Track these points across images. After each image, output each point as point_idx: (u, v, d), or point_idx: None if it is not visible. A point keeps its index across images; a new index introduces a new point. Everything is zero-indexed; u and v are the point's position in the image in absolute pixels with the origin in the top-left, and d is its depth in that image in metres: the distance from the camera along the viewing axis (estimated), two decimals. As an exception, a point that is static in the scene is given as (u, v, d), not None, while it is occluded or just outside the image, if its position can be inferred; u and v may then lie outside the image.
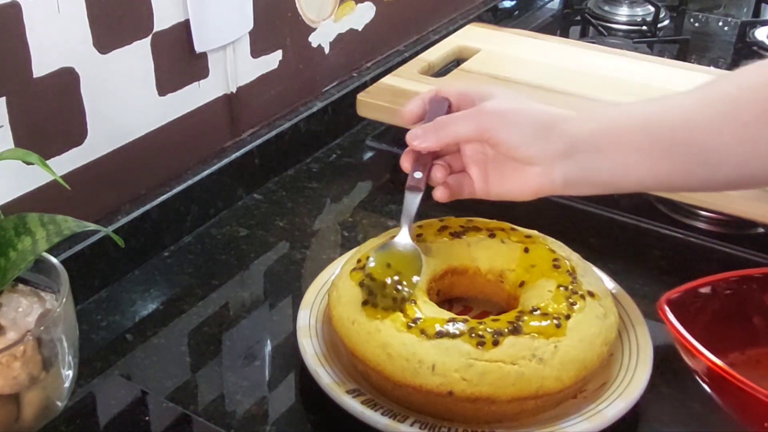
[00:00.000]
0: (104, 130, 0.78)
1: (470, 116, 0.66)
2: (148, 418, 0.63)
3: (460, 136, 0.67)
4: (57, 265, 0.59)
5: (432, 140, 0.67)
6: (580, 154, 0.64)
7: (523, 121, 0.65)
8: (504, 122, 0.65)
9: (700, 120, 0.63)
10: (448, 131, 0.66)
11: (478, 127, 0.65)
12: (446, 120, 0.67)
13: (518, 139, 0.64)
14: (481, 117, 0.65)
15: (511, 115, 0.65)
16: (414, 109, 0.71)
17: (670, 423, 0.66)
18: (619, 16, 1.40)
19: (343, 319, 0.66)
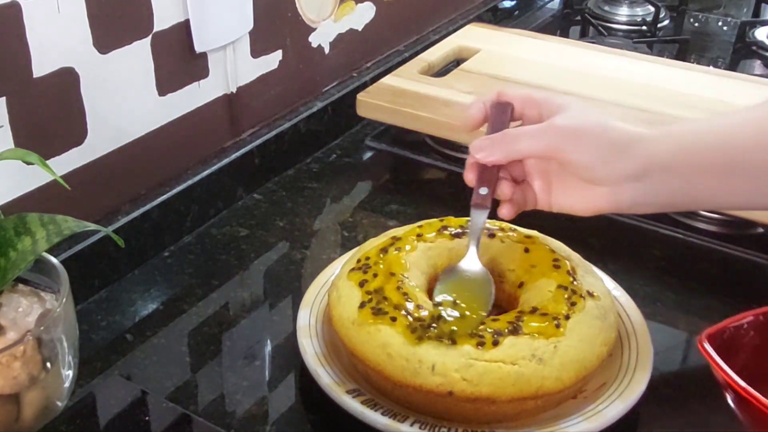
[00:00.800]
0: (104, 130, 0.78)
1: (541, 133, 0.63)
2: (148, 418, 0.63)
3: (529, 153, 0.64)
4: (57, 265, 0.59)
5: (498, 155, 0.64)
6: (651, 177, 0.62)
7: (595, 142, 0.62)
8: (576, 142, 0.62)
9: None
10: (518, 147, 0.63)
11: (548, 146, 0.62)
12: (515, 135, 0.64)
13: (589, 160, 0.62)
14: (553, 134, 0.62)
15: (583, 134, 0.62)
16: (475, 113, 0.68)
17: (670, 423, 0.66)
18: (619, 16, 1.40)
19: (343, 319, 0.66)
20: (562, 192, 0.65)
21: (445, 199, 0.95)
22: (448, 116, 0.93)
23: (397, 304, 0.64)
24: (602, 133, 0.62)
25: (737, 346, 0.61)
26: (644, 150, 0.62)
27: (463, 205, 0.92)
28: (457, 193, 0.95)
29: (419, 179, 0.99)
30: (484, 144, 0.65)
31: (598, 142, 0.62)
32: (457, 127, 0.92)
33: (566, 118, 0.63)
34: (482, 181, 0.65)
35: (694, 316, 0.78)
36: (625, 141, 0.62)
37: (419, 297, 0.65)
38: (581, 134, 0.62)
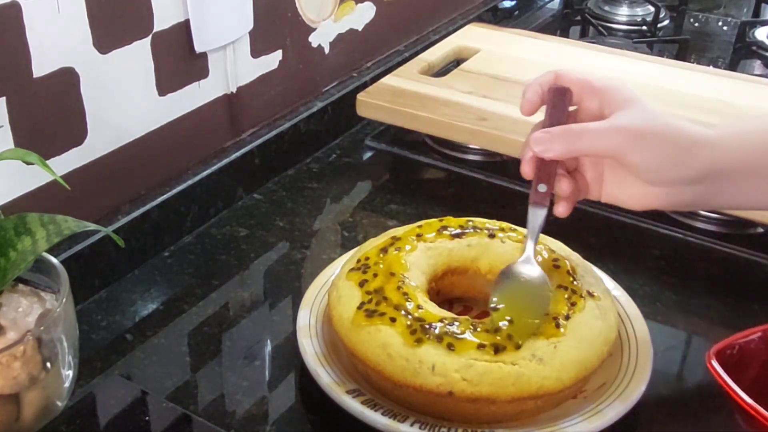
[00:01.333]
0: (104, 130, 0.78)
1: (605, 133, 0.61)
2: (148, 418, 0.63)
3: (591, 152, 0.62)
4: (57, 265, 0.59)
5: (559, 150, 0.62)
6: (712, 180, 0.62)
7: (660, 145, 0.60)
8: (640, 144, 0.60)
9: None
10: (580, 145, 0.62)
11: (612, 147, 0.61)
12: (579, 132, 0.62)
13: (652, 164, 0.61)
14: (617, 136, 0.61)
15: (648, 137, 0.60)
16: (532, 97, 0.65)
17: (670, 423, 0.66)
18: (619, 16, 1.40)
19: (343, 319, 0.66)
20: (616, 186, 0.64)
21: (445, 199, 0.95)
22: (447, 116, 0.93)
23: (397, 304, 0.64)
24: (667, 136, 0.61)
25: (746, 362, 0.61)
26: (708, 154, 0.61)
27: (463, 205, 0.92)
28: (457, 193, 0.96)
29: (419, 179, 0.99)
30: (545, 138, 0.62)
31: (663, 145, 0.61)
32: (456, 127, 0.92)
33: (631, 117, 0.61)
34: (540, 176, 0.63)
35: (694, 316, 0.78)
36: (689, 144, 0.61)
37: (419, 297, 0.65)
38: (646, 136, 0.60)
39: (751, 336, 0.62)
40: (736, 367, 0.59)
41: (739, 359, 0.61)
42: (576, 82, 0.65)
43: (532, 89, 0.66)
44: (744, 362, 0.61)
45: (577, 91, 0.65)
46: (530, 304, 0.63)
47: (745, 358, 0.62)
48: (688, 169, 0.61)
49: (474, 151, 0.98)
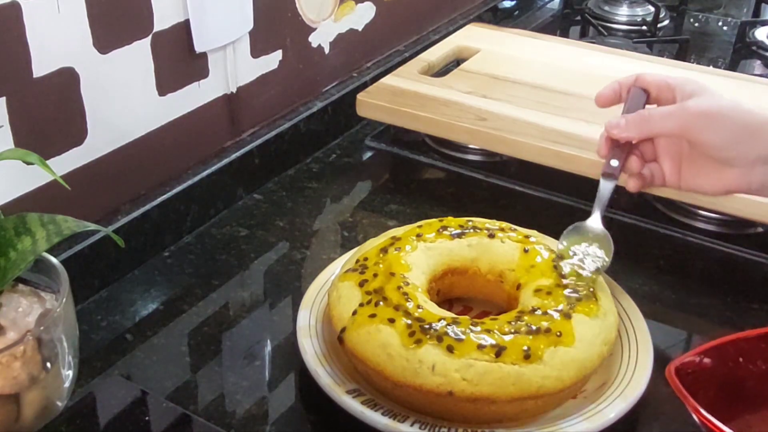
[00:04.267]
0: (104, 130, 0.78)
1: (675, 114, 0.66)
2: (148, 418, 0.63)
3: (662, 131, 0.67)
4: (57, 265, 0.59)
5: (633, 132, 0.67)
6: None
7: (728, 124, 0.64)
8: (709, 123, 0.64)
9: None
10: (652, 127, 0.67)
11: (681, 126, 0.65)
12: (650, 115, 0.67)
13: (721, 141, 0.64)
14: (686, 116, 0.65)
15: (716, 117, 0.64)
16: (608, 92, 0.71)
17: (670, 423, 0.66)
18: (619, 16, 1.40)
19: (343, 319, 0.66)
20: (693, 173, 0.68)
21: (445, 199, 0.95)
22: (447, 116, 0.93)
23: (397, 305, 0.64)
24: (735, 115, 0.64)
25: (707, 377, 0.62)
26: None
27: (463, 205, 0.92)
28: (457, 193, 0.96)
29: (419, 179, 0.99)
30: (620, 122, 0.68)
31: (731, 123, 0.64)
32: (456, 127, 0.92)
33: (699, 100, 0.65)
34: (613, 154, 0.69)
35: (694, 315, 0.78)
36: (758, 123, 0.64)
37: (419, 297, 0.65)
38: (714, 115, 0.64)
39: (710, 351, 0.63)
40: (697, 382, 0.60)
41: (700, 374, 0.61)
42: (654, 83, 0.69)
43: (611, 85, 0.71)
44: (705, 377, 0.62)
45: (655, 90, 0.69)
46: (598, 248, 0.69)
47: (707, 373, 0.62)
48: (757, 147, 0.64)
49: (474, 151, 0.98)
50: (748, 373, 0.63)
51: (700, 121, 0.64)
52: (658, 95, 0.70)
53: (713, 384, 0.61)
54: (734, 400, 0.61)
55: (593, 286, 0.67)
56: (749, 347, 0.63)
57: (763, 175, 0.65)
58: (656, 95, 0.70)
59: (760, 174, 0.65)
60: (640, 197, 0.88)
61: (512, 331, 0.62)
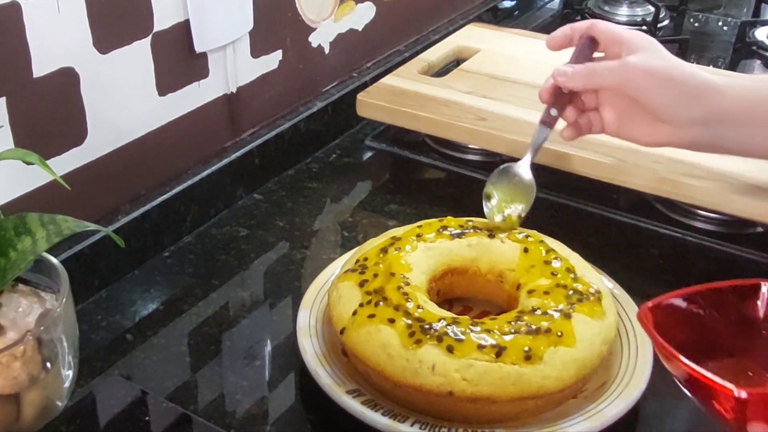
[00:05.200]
0: (104, 130, 0.78)
1: (618, 69, 0.69)
2: (148, 418, 0.63)
3: (606, 86, 0.70)
4: (57, 265, 0.59)
5: (578, 83, 0.71)
6: (714, 124, 0.68)
7: (669, 85, 0.68)
8: (651, 83, 0.68)
9: None
10: (595, 80, 0.70)
11: (624, 82, 0.68)
12: (595, 68, 0.70)
13: (660, 100, 0.68)
14: (629, 72, 0.68)
15: (659, 77, 0.68)
16: (560, 36, 0.75)
17: (670, 423, 0.66)
18: (619, 16, 1.40)
19: (343, 319, 0.66)
20: (631, 124, 0.71)
21: (445, 199, 0.95)
22: (447, 116, 0.93)
23: (398, 305, 0.64)
24: (677, 76, 0.68)
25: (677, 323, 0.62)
26: (716, 98, 0.67)
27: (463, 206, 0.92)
28: (457, 193, 0.96)
29: (419, 179, 0.99)
30: (567, 71, 0.72)
31: (673, 84, 0.68)
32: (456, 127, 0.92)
33: (643, 57, 0.69)
34: (554, 103, 0.73)
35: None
36: (696, 87, 0.68)
37: (419, 297, 0.65)
38: (656, 75, 0.68)
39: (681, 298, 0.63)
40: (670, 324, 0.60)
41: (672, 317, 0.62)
42: (604, 32, 0.73)
43: (563, 29, 0.75)
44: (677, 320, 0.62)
45: (604, 40, 0.73)
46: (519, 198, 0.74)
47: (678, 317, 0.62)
48: (693, 110, 0.68)
49: (474, 151, 0.98)
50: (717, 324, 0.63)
51: (642, 79, 0.68)
52: (606, 46, 0.73)
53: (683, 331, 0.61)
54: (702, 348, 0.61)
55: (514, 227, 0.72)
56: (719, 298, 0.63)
57: (695, 134, 0.69)
58: (605, 44, 0.73)
59: (691, 133, 0.69)
60: (640, 197, 0.88)
61: (512, 331, 0.62)
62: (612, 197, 0.89)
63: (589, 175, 0.85)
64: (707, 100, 0.68)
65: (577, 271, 0.68)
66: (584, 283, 0.67)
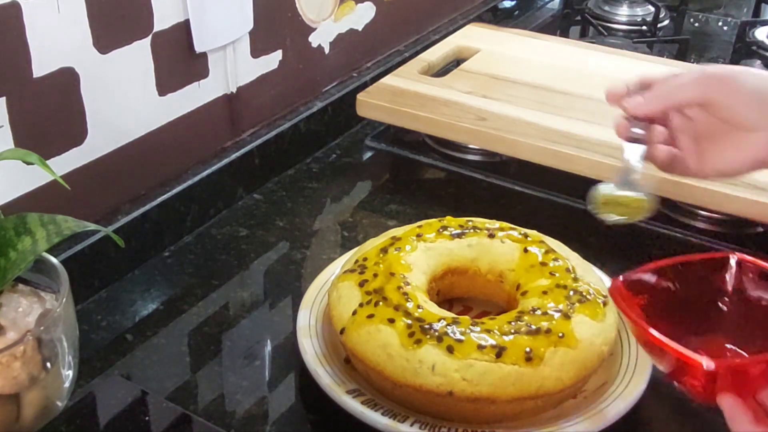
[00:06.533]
0: (104, 130, 0.78)
1: (694, 80, 0.64)
2: (148, 418, 0.63)
3: (684, 100, 0.65)
4: (57, 265, 0.59)
5: (654, 104, 0.65)
6: None
7: (747, 86, 0.63)
8: (729, 87, 0.63)
9: None
10: (673, 95, 0.65)
11: (702, 92, 0.64)
12: (669, 84, 0.65)
13: (742, 103, 0.63)
14: (706, 81, 0.64)
15: (735, 79, 0.63)
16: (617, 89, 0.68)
17: (670, 423, 0.66)
18: (619, 16, 1.40)
19: (343, 319, 0.66)
20: (714, 150, 0.65)
21: (445, 199, 0.95)
22: (447, 116, 0.93)
23: (397, 305, 0.64)
24: (751, 78, 0.63)
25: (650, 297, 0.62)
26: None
27: (463, 206, 0.92)
28: (457, 193, 0.96)
29: (419, 179, 0.99)
30: (638, 98, 0.66)
31: (750, 85, 0.63)
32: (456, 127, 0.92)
33: (713, 67, 0.64)
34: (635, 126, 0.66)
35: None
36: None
37: (419, 297, 0.65)
38: (734, 79, 0.63)
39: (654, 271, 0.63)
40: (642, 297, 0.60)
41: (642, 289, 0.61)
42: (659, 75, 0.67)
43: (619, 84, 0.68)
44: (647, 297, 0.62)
45: None
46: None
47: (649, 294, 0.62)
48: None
49: (474, 151, 0.98)
50: (689, 297, 0.63)
51: (720, 84, 0.63)
52: None
53: (656, 305, 0.61)
54: (676, 323, 0.61)
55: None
56: (690, 272, 0.63)
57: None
58: None
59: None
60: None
61: (512, 331, 0.62)
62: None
63: (589, 175, 0.85)
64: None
65: (578, 271, 0.68)
66: (584, 284, 0.67)
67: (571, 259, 0.70)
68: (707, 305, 0.63)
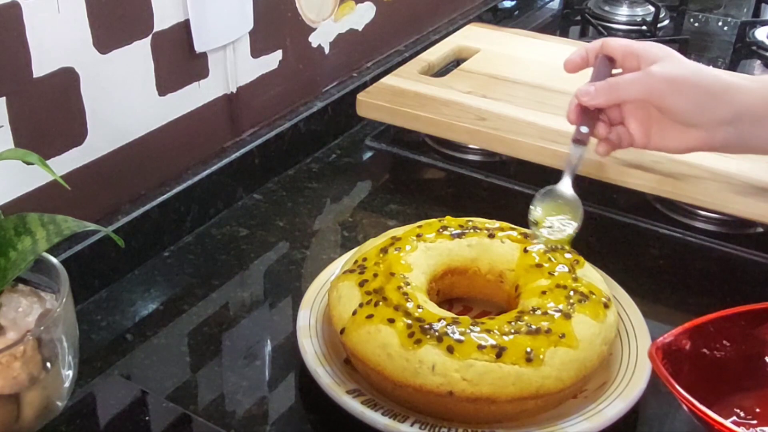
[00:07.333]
0: (104, 130, 0.78)
1: (640, 81, 0.69)
2: (148, 418, 0.63)
3: (629, 98, 0.71)
4: (57, 265, 0.59)
5: (602, 99, 0.71)
6: (742, 123, 0.69)
7: (692, 90, 0.68)
8: (673, 89, 0.68)
9: None
10: (619, 93, 0.71)
11: (647, 92, 0.69)
12: (617, 82, 0.71)
13: (685, 106, 0.68)
14: (651, 82, 0.69)
15: (680, 83, 0.68)
16: (576, 58, 0.76)
17: (670, 423, 0.66)
18: (619, 16, 1.40)
19: (343, 319, 0.66)
20: (659, 134, 0.72)
21: (445, 199, 0.95)
22: (447, 116, 0.93)
23: (397, 305, 0.64)
24: (698, 81, 0.69)
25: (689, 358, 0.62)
26: (735, 98, 0.68)
27: (463, 206, 0.92)
28: (457, 193, 0.96)
29: (419, 179, 0.99)
30: (589, 90, 0.72)
31: (695, 89, 0.68)
32: (456, 127, 0.92)
33: (664, 66, 0.69)
34: (583, 121, 0.74)
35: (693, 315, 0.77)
36: (720, 88, 0.68)
37: (419, 297, 0.65)
38: (678, 82, 0.68)
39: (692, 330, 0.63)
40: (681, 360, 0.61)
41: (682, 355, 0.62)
42: (618, 48, 0.73)
43: (578, 51, 0.76)
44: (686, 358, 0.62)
45: (620, 57, 0.73)
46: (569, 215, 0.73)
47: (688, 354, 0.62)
48: (719, 111, 0.68)
49: (474, 151, 0.98)
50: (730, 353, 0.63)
51: (665, 87, 0.68)
52: (623, 61, 0.73)
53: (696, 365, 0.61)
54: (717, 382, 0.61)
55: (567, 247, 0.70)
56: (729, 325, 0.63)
57: (725, 135, 0.69)
58: (621, 61, 0.73)
59: (721, 134, 0.69)
60: (639, 197, 0.88)
61: (512, 331, 0.62)
62: (612, 197, 0.89)
63: (590, 175, 0.85)
64: (733, 100, 0.68)
65: (578, 270, 0.68)
66: (584, 284, 0.67)
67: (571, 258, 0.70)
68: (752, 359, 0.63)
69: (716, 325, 0.63)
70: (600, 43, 0.74)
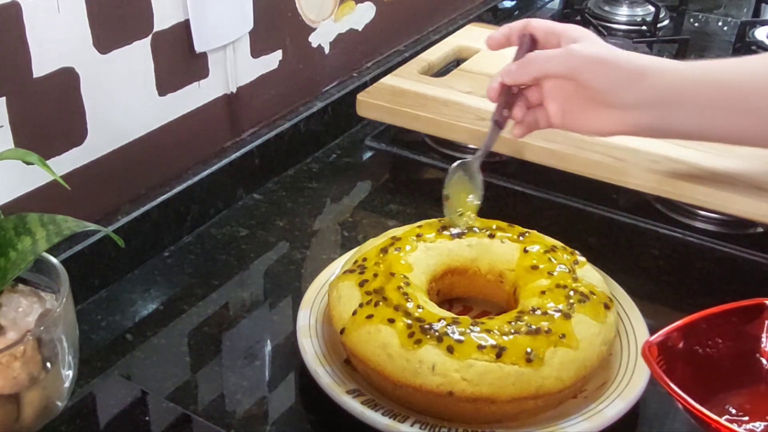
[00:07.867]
0: (104, 130, 0.78)
1: (559, 56, 0.70)
2: (148, 418, 0.63)
3: (548, 73, 0.71)
4: (57, 265, 0.59)
5: (521, 75, 0.72)
6: (661, 105, 0.69)
7: (610, 68, 0.68)
8: (590, 67, 0.68)
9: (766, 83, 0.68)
10: (539, 67, 0.71)
11: (568, 68, 0.69)
12: (537, 57, 0.71)
13: (604, 84, 0.68)
14: (570, 58, 0.69)
15: (599, 60, 0.69)
16: (498, 37, 0.76)
17: (670, 423, 0.66)
18: (619, 16, 1.40)
19: (343, 319, 0.66)
20: (577, 114, 0.72)
21: (445, 199, 0.95)
22: (447, 116, 0.93)
23: (397, 305, 0.64)
24: (617, 60, 0.69)
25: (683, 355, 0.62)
26: (655, 80, 0.68)
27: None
28: (457, 193, 0.95)
29: (419, 179, 0.99)
30: (510, 68, 0.73)
31: (613, 68, 0.68)
32: (456, 127, 0.92)
33: (582, 46, 0.70)
34: (504, 103, 0.74)
35: (694, 316, 0.78)
36: (638, 70, 0.68)
37: (419, 297, 0.65)
38: (595, 61, 0.69)
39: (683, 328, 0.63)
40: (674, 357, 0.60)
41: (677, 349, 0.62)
42: (541, 28, 0.74)
43: (502, 30, 0.76)
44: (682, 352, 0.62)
45: (542, 35, 0.74)
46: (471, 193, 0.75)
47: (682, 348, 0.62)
48: (638, 92, 0.68)
49: (474, 151, 0.98)
50: (722, 350, 0.63)
51: (583, 64, 0.69)
52: (544, 41, 0.73)
53: (689, 362, 0.61)
54: (710, 379, 0.61)
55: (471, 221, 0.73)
56: (722, 322, 0.63)
57: (645, 118, 0.69)
58: (543, 39, 0.74)
59: (641, 117, 0.69)
60: (640, 197, 0.88)
61: (512, 331, 0.62)
62: (612, 197, 0.89)
63: (589, 175, 0.85)
64: (648, 83, 0.68)
65: (578, 270, 0.68)
66: (584, 284, 0.67)
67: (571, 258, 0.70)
68: (744, 356, 0.63)
69: (708, 322, 0.63)
70: (524, 23, 0.75)
